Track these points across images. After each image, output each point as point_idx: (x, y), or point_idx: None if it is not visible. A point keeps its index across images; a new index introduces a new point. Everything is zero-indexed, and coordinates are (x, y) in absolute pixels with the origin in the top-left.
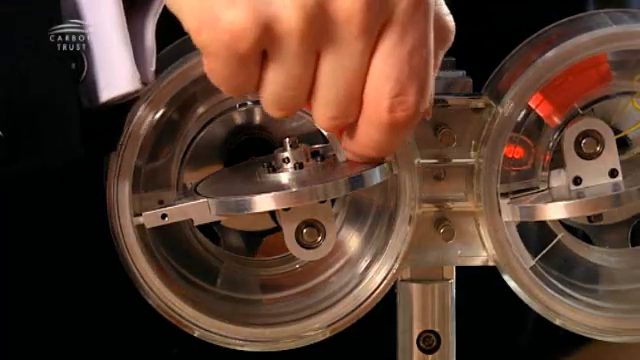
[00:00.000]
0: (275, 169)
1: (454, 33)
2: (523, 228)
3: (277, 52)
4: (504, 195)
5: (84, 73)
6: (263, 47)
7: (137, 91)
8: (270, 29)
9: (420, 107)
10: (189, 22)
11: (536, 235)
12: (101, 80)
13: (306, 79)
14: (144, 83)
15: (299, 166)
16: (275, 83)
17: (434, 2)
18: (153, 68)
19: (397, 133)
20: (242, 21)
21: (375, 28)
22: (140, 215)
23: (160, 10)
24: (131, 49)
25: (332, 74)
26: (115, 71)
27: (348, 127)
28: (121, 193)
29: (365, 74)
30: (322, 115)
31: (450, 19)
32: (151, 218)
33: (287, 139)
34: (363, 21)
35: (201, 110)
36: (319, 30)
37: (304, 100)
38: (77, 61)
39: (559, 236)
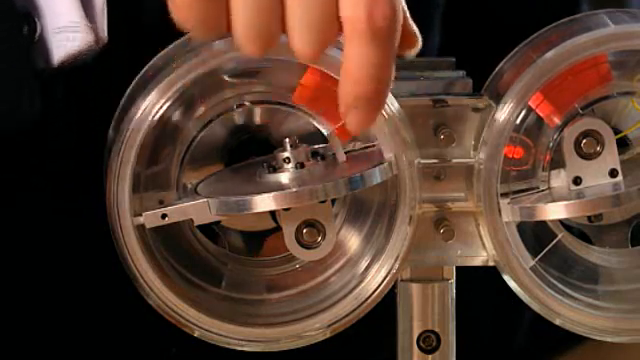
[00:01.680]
0: (275, 169)
1: None
2: (523, 228)
3: None
4: (504, 195)
5: (37, 35)
6: None
7: (90, 47)
8: None
9: (397, 13)
10: None
11: (536, 235)
12: (53, 41)
13: (276, 3)
14: (96, 41)
15: (299, 166)
16: (245, 9)
17: None
18: (105, 27)
19: (383, 44)
20: None
21: None
22: (140, 215)
23: None
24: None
25: None
26: (65, 28)
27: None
28: (121, 193)
29: None
30: (299, 42)
31: None
32: (151, 218)
33: (287, 139)
34: None
35: (201, 110)
36: None
37: (278, 28)
38: (30, 24)
39: (559, 236)
